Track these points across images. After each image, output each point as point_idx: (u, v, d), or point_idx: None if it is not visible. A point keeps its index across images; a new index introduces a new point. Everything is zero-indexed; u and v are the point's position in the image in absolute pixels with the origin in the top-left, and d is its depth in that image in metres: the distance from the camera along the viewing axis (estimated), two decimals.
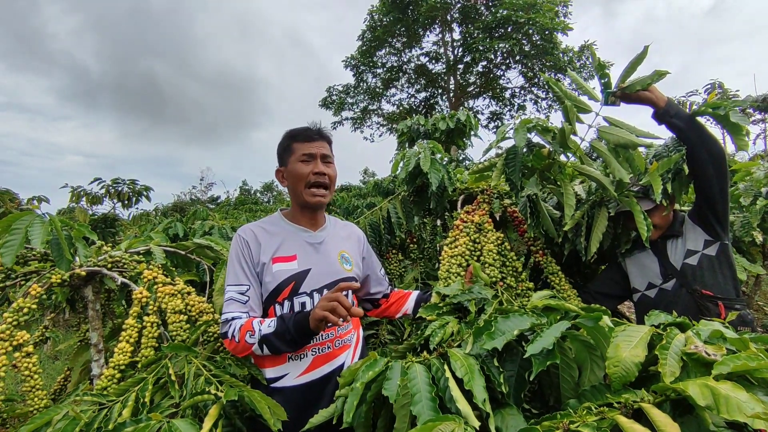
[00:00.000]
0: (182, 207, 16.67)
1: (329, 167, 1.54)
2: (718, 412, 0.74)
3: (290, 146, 1.53)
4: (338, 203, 8.73)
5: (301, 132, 1.55)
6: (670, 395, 0.86)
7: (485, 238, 1.83)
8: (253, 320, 1.37)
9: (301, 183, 1.50)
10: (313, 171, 1.49)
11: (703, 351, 0.89)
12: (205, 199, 21.88)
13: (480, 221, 1.86)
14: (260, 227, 1.53)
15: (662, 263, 1.85)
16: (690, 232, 1.82)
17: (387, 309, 1.79)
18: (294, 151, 1.51)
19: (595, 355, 1.07)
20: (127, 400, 1.25)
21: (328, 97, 22.20)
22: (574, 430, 0.82)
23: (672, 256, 1.83)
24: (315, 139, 1.53)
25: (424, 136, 4.09)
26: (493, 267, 1.75)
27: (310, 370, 1.45)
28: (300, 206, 1.56)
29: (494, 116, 21.33)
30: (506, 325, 1.07)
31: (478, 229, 1.85)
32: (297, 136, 1.54)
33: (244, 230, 1.51)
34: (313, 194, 1.50)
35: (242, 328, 1.35)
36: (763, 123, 10.82)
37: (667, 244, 1.85)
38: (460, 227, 1.86)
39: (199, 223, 3.26)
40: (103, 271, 1.74)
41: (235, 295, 1.41)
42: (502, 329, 1.06)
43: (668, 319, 1.07)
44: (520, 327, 1.05)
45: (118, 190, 6.57)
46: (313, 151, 1.50)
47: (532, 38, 17.83)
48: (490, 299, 1.49)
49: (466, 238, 1.80)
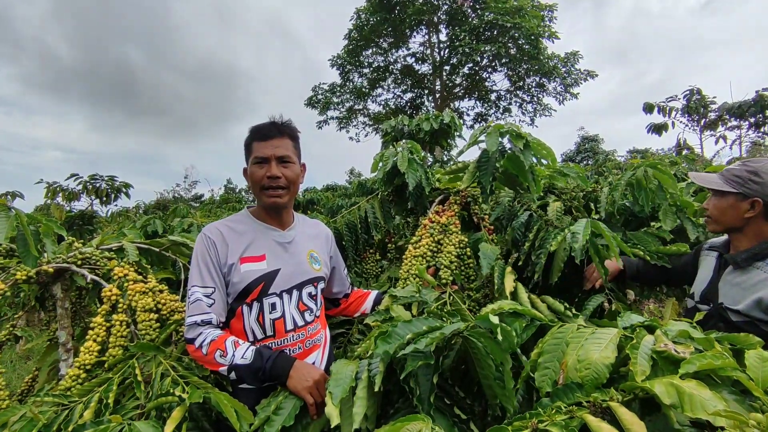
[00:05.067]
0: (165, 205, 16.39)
1: (287, 168, 1.47)
2: (682, 410, 0.74)
3: (250, 145, 1.49)
4: (323, 203, 8.69)
5: (259, 129, 1.49)
6: (639, 394, 0.87)
7: (447, 240, 1.82)
8: (226, 339, 1.31)
9: (256, 186, 1.47)
10: (266, 175, 1.44)
11: (672, 349, 0.90)
12: (189, 198, 21.56)
13: (446, 222, 1.84)
14: (227, 226, 1.48)
15: (711, 282, 1.57)
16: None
17: (346, 308, 1.79)
18: (252, 151, 1.47)
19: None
20: (89, 401, 1.21)
21: (314, 96, 22.09)
22: (542, 429, 0.82)
23: (723, 285, 1.52)
24: (272, 137, 1.46)
25: (408, 136, 4.08)
26: (447, 269, 1.72)
27: None
28: (263, 207, 1.54)
29: (480, 118, 21.52)
30: (405, 329, 1.06)
31: (444, 230, 1.83)
32: (255, 133, 1.49)
33: (210, 229, 1.45)
34: (269, 196, 1.46)
35: (213, 344, 1.29)
36: (739, 129, 11.11)
37: (729, 268, 1.53)
38: (426, 227, 1.86)
39: (178, 221, 3.20)
40: (72, 268, 1.68)
41: (201, 297, 1.35)
42: (400, 333, 1.05)
43: (638, 320, 1.08)
44: (415, 332, 1.04)
45: (96, 187, 6.43)
46: (267, 153, 1.44)
47: (517, 42, 18.04)
48: (430, 302, 1.47)
49: (430, 239, 1.79)
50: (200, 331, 1.32)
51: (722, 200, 1.52)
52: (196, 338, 1.31)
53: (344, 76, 21.40)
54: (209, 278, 1.38)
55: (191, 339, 1.32)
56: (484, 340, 1.06)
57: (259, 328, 1.43)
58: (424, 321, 1.10)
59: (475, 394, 1.20)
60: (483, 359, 1.07)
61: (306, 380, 1.21)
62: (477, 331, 1.08)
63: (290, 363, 1.27)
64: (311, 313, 1.53)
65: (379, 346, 1.02)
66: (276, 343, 1.43)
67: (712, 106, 11.22)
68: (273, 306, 1.43)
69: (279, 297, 1.44)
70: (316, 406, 1.19)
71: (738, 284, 1.46)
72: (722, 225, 1.55)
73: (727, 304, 1.46)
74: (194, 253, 1.43)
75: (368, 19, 19.29)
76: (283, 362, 1.27)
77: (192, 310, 1.35)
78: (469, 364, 1.15)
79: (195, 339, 1.31)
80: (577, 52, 18.82)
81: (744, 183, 1.46)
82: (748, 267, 1.45)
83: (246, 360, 1.27)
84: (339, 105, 22.21)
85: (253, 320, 1.43)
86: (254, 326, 1.43)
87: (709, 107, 11.25)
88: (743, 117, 10.28)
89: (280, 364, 1.26)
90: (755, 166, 1.46)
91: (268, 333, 1.43)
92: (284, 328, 1.45)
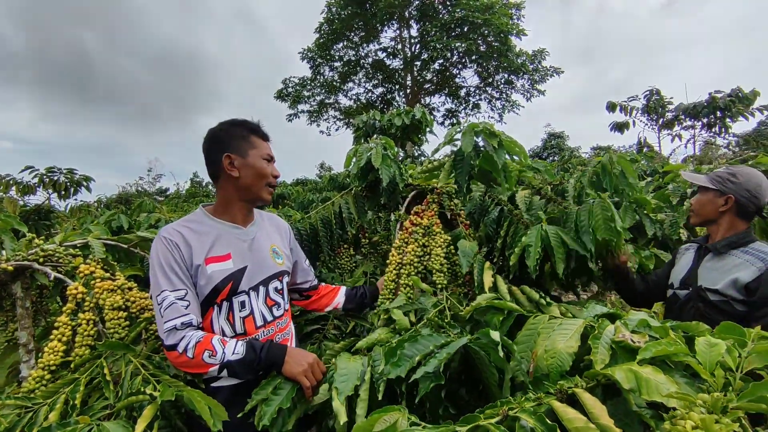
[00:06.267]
0: (127, 199, 15.79)
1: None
2: (640, 394, 0.80)
3: (249, 138, 1.49)
4: (293, 197, 8.59)
5: (257, 128, 1.54)
6: (601, 380, 0.93)
7: (434, 242, 1.82)
8: (211, 338, 1.29)
9: (262, 180, 1.49)
10: (273, 173, 1.52)
11: (629, 339, 0.97)
12: (153, 191, 20.87)
13: (429, 223, 1.85)
14: (186, 227, 1.42)
15: (691, 270, 1.77)
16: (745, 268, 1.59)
17: (316, 301, 1.80)
18: (256, 146, 1.49)
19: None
20: (55, 402, 1.17)
21: (284, 89, 21.74)
22: (513, 416, 0.86)
23: (702, 270, 1.72)
24: (269, 139, 1.57)
25: (380, 131, 4.10)
26: (440, 273, 1.73)
27: None
28: (245, 201, 1.51)
29: (450, 113, 21.75)
30: (413, 349, 1.14)
31: (427, 232, 1.85)
32: (256, 131, 1.52)
33: (169, 231, 1.38)
34: (269, 193, 1.53)
35: (199, 346, 1.26)
36: (693, 129, 11.71)
37: (707, 256, 1.73)
38: (409, 230, 1.85)
39: (144, 216, 3.10)
40: (34, 265, 1.62)
41: (174, 300, 1.30)
42: (408, 355, 1.13)
43: (602, 310, 1.15)
44: (423, 352, 1.12)
45: (54, 180, 6.14)
46: (272, 153, 1.54)
47: (487, 39, 18.30)
48: (429, 308, 1.52)
49: (415, 244, 1.79)
50: (182, 336, 1.27)
51: (703, 196, 1.77)
52: (178, 344, 1.26)
53: (315, 69, 21.15)
54: (178, 281, 1.32)
55: (172, 345, 1.26)
56: (486, 351, 1.14)
57: (229, 327, 1.41)
58: (429, 338, 1.16)
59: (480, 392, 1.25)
60: (486, 367, 1.15)
61: (301, 364, 1.26)
62: (480, 343, 1.15)
63: (283, 350, 1.31)
64: (279, 307, 1.54)
65: (392, 371, 1.09)
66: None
67: (669, 106, 11.78)
68: (242, 304, 1.43)
69: (247, 294, 1.44)
70: (312, 388, 1.25)
71: (716, 268, 1.67)
72: (701, 217, 1.79)
73: (705, 285, 1.66)
74: (154, 256, 1.35)
75: (339, 13, 19.11)
76: (276, 350, 1.31)
77: (168, 314, 1.28)
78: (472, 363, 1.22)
79: (177, 345, 1.25)
80: (544, 50, 19.29)
81: (723, 182, 1.70)
82: (724, 254, 1.67)
83: (238, 355, 1.27)
84: (310, 98, 21.96)
85: (223, 320, 1.41)
86: (224, 325, 1.41)
87: (666, 107, 11.82)
88: (697, 117, 10.83)
89: (274, 352, 1.30)
90: (735, 169, 1.72)
91: (239, 331, 1.42)
92: (254, 325, 1.44)
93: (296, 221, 2.39)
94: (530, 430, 0.82)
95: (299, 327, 2.02)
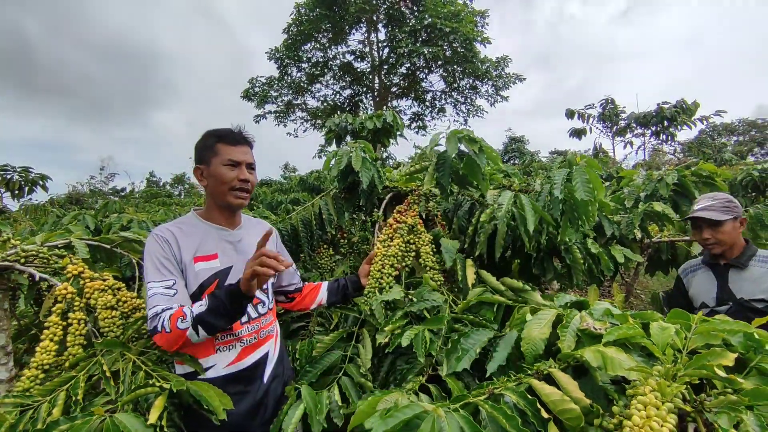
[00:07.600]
0: (78, 198, 15.08)
1: (252, 174, 1.57)
2: (605, 371, 0.94)
3: (214, 146, 1.51)
4: (260, 198, 8.51)
5: (227, 134, 1.54)
6: (571, 362, 1.07)
7: (420, 240, 1.91)
8: (182, 308, 1.33)
9: (225, 186, 1.50)
10: (238, 177, 1.51)
11: (592, 327, 1.12)
12: (107, 191, 19.99)
13: (413, 222, 1.95)
14: (176, 227, 1.49)
15: (720, 287, 1.92)
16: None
17: (301, 301, 1.86)
18: (218, 153, 1.50)
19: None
20: (55, 399, 1.20)
21: (250, 89, 21.36)
22: (498, 394, 0.98)
23: (733, 285, 1.90)
24: (240, 143, 1.54)
25: (351, 134, 4.18)
26: (434, 270, 1.83)
27: (238, 360, 1.48)
28: (219, 206, 1.56)
29: (416, 117, 22.04)
30: (468, 342, 1.32)
31: (411, 230, 1.94)
32: (223, 137, 1.53)
33: (161, 230, 1.47)
34: (236, 196, 1.53)
35: (172, 317, 1.30)
36: (643, 137, 12.48)
37: (731, 271, 1.93)
38: (394, 227, 1.94)
39: (115, 216, 3.05)
40: (16, 266, 1.60)
41: (161, 290, 1.36)
42: (465, 348, 1.30)
43: (571, 299, 1.30)
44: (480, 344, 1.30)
45: (7, 179, 5.85)
46: (239, 158, 1.51)
47: (452, 46, 18.70)
48: (442, 304, 1.63)
49: (400, 239, 1.88)
50: (161, 318, 1.31)
51: (726, 226, 1.92)
52: (156, 325, 1.30)
53: (282, 69, 20.91)
54: (167, 272, 1.39)
55: (153, 328, 1.31)
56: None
57: None
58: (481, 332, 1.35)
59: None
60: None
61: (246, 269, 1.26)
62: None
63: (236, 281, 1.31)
64: (264, 305, 1.61)
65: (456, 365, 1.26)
66: (233, 335, 1.48)
67: (622, 114, 12.53)
68: None
69: None
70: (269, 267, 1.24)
71: (746, 279, 1.87)
72: (729, 244, 1.94)
73: (746, 297, 1.83)
74: (147, 253, 1.42)
75: (308, 14, 19.00)
76: (232, 285, 1.31)
77: (152, 302, 1.34)
78: None
79: (156, 326, 1.30)
80: (507, 57, 19.90)
81: (732, 209, 1.93)
82: (747, 266, 1.89)
83: (203, 307, 1.30)
84: (277, 99, 21.68)
85: None
86: None
87: (620, 115, 12.55)
88: (647, 126, 11.58)
89: (231, 288, 1.30)
90: (720, 195, 1.98)
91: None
92: (239, 320, 1.49)
93: (277, 222, 2.44)
94: (513, 404, 0.94)
95: (285, 325, 2.08)
